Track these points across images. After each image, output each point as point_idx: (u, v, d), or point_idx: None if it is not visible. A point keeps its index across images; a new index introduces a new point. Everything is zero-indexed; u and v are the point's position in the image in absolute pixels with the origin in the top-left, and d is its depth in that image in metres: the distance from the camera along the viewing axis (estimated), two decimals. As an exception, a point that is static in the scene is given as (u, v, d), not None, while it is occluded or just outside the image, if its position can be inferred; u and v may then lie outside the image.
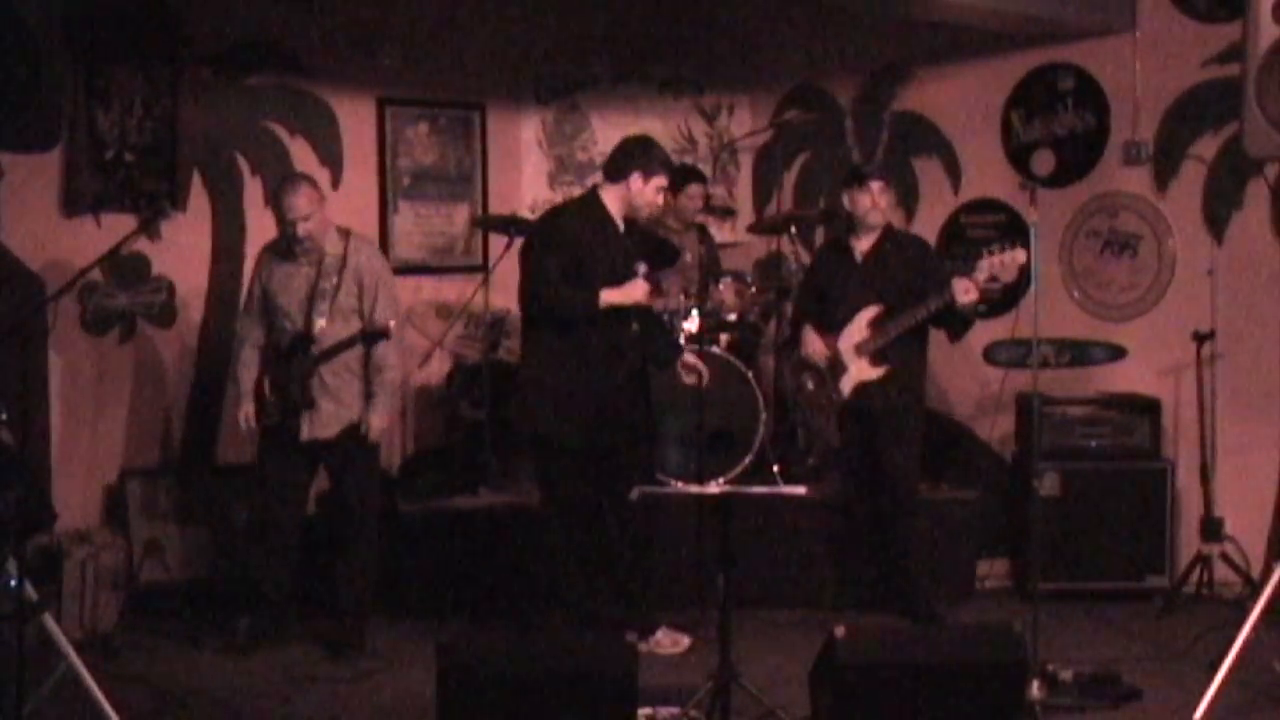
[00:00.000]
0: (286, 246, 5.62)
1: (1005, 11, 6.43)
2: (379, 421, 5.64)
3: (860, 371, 5.96)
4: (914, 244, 6.20)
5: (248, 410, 5.66)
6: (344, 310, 5.58)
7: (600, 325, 5.42)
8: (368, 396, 5.62)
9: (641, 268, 5.46)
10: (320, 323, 5.54)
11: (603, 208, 5.49)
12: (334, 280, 5.57)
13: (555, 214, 5.72)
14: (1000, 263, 5.68)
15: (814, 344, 6.06)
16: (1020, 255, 5.62)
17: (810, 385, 6.10)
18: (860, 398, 5.97)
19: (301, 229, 5.52)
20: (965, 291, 5.69)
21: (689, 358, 5.68)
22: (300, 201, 5.54)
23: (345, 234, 5.69)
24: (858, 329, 5.97)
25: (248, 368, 5.70)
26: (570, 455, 5.44)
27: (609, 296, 5.38)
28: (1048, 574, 5.83)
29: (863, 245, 6.03)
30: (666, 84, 7.92)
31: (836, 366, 6.00)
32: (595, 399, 5.44)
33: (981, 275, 5.71)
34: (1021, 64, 7.02)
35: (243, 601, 5.77)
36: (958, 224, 7.30)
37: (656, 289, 6.53)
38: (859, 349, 5.95)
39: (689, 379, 5.68)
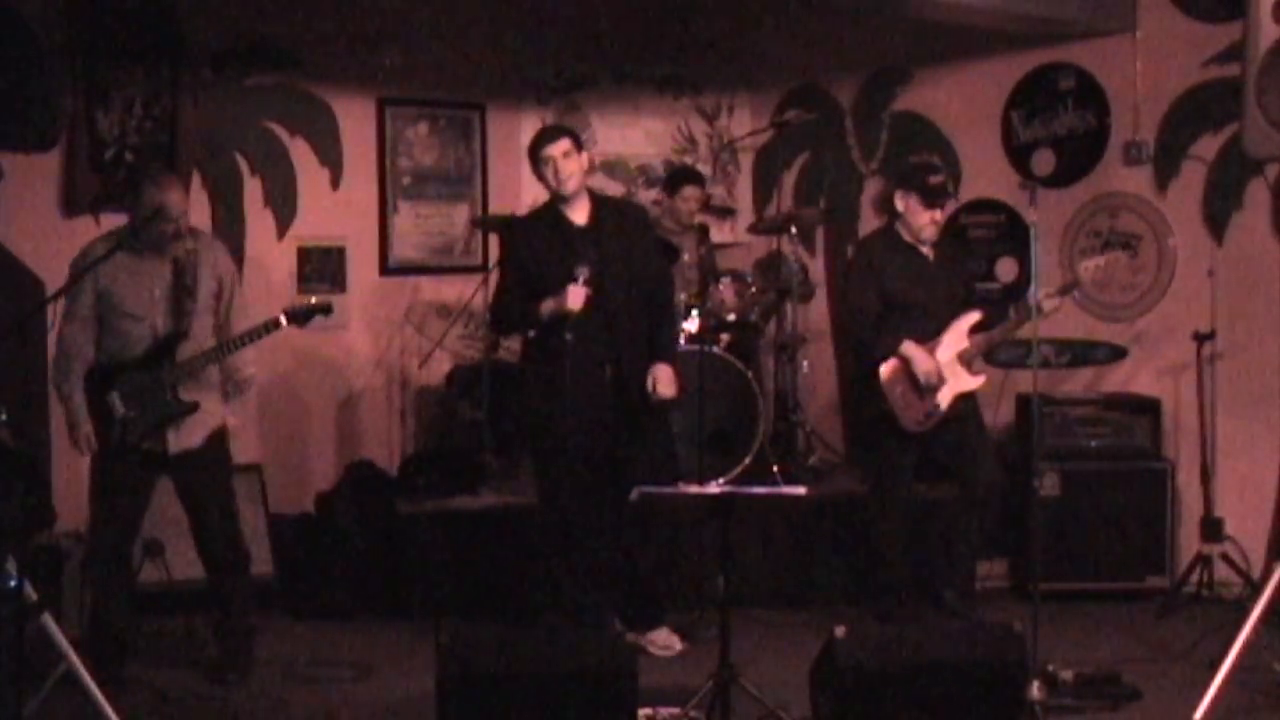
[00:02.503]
0: (135, 242, 5.15)
1: (1005, 11, 6.43)
2: (234, 422, 5.39)
3: (962, 382, 5.74)
4: (958, 248, 6.12)
5: (88, 432, 5.15)
6: (201, 310, 5.26)
7: (557, 332, 5.30)
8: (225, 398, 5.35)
9: (581, 273, 5.24)
10: (188, 321, 5.24)
11: (558, 213, 5.42)
12: (193, 277, 5.25)
13: (511, 224, 5.74)
14: (1096, 266, 5.67)
15: (926, 363, 5.71)
16: (1118, 259, 5.67)
17: (905, 398, 5.74)
18: (954, 408, 5.77)
19: (182, 226, 5.21)
20: (1051, 300, 5.68)
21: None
22: (177, 197, 5.22)
23: (194, 231, 5.39)
24: (957, 338, 5.75)
25: (79, 385, 5.17)
26: (557, 455, 5.38)
27: (544, 306, 5.29)
28: (1048, 574, 5.82)
29: (926, 248, 5.87)
30: (666, 84, 7.92)
31: (940, 380, 5.74)
32: (567, 402, 5.29)
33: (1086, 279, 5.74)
34: (1021, 64, 7.02)
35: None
36: (958, 224, 7.29)
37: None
38: (961, 358, 5.74)
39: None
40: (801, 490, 4.73)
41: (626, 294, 5.42)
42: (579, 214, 5.43)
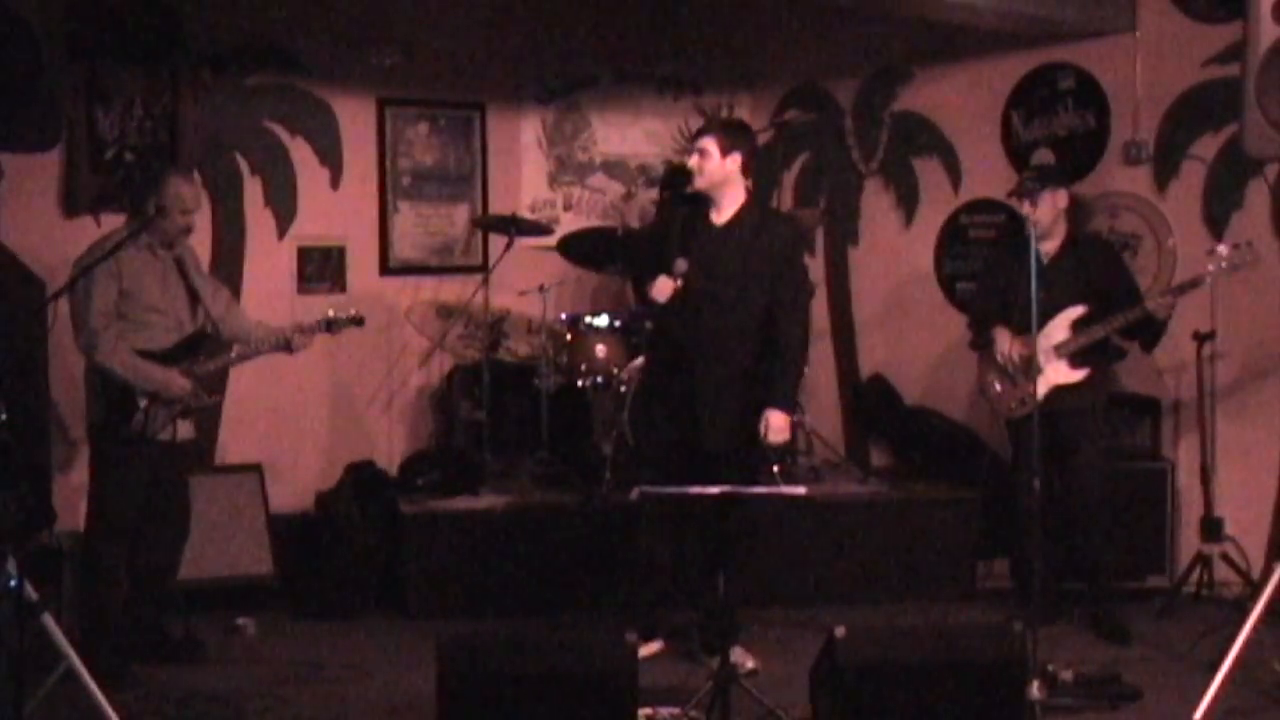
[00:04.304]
0: (152, 235, 5.22)
1: (1005, 11, 6.43)
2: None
3: (1058, 374, 5.71)
4: (1102, 249, 6.05)
5: (182, 382, 5.23)
6: (207, 305, 5.44)
7: (658, 319, 5.41)
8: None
9: (678, 267, 5.22)
10: (206, 319, 5.39)
11: (706, 205, 5.37)
12: (194, 273, 5.42)
13: (681, 195, 5.72)
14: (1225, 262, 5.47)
15: (1007, 343, 5.81)
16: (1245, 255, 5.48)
17: (998, 386, 5.86)
18: (1053, 401, 5.68)
19: (194, 220, 5.35)
20: (1165, 306, 5.61)
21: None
22: (197, 192, 5.37)
23: None
24: (1058, 330, 5.74)
25: (141, 362, 5.19)
26: (643, 446, 5.49)
27: (650, 289, 5.32)
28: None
29: (1048, 246, 5.81)
30: (666, 84, 7.92)
31: (1031, 369, 5.68)
32: (659, 392, 5.42)
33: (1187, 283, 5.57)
34: (1021, 64, 7.02)
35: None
36: (958, 224, 7.31)
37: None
38: (1059, 350, 5.74)
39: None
40: (801, 490, 4.74)
41: (733, 306, 5.28)
42: (723, 214, 5.36)
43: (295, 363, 6.89)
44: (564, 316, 6.77)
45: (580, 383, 6.63)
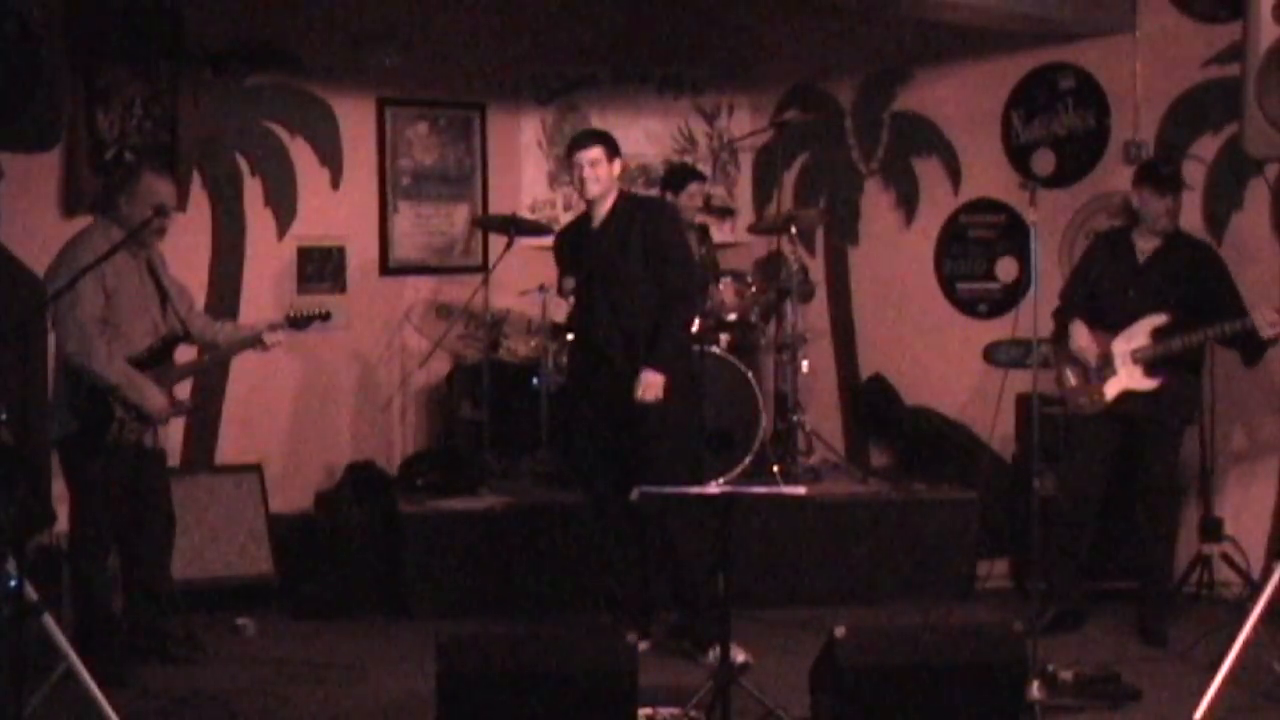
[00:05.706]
0: (138, 236, 5.10)
1: (1005, 11, 6.43)
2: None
3: (1131, 378, 5.66)
4: (1204, 252, 5.89)
5: (163, 402, 5.20)
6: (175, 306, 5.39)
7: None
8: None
9: (566, 284, 5.57)
10: (179, 321, 5.34)
11: (586, 216, 5.57)
12: (162, 273, 5.36)
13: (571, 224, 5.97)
14: None
15: (1083, 338, 5.77)
16: None
17: (1072, 380, 5.83)
18: (1123, 404, 5.71)
19: (169, 221, 5.25)
20: (1272, 325, 5.35)
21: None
22: (173, 189, 5.30)
23: None
24: (1138, 335, 5.68)
25: (134, 373, 5.15)
26: (577, 446, 5.60)
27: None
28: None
29: (1147, 245, 5.77)
30: (666, 84, 7.92)
31: (1105, 368, 5.72)
32: (578, 394, 5.61)
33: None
34: (1021, 64, 7.03)
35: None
36: (958, 224, 7.31)
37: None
38: (1134, 355, 5.67)
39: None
40: (801, 490, 4.75)
41: (629, 299, 5.44)
42: (598, 217, 5.52)
43: (295, 363, 6.93)
44: (564, 316, 6.77)
45: (580, 383, 6.64)
